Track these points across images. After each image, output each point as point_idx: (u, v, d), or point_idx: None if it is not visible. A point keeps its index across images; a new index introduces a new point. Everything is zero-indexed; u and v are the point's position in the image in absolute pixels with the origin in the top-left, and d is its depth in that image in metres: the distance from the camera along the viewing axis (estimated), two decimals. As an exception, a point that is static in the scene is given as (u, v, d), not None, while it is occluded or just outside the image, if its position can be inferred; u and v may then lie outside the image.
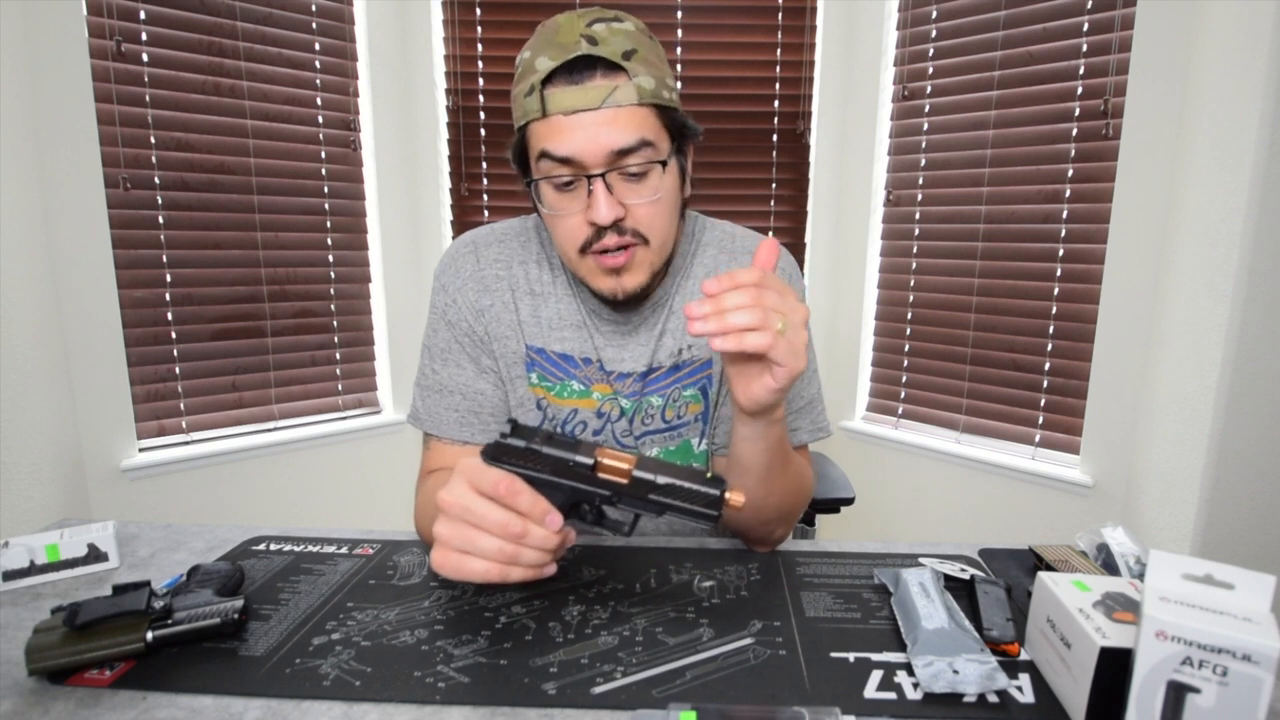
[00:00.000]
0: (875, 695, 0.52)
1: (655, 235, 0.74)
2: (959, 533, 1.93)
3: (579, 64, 0.67)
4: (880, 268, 2.05)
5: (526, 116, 0.70)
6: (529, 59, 0.69)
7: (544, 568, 0.57)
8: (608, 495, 0.58)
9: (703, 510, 0.57)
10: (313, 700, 0.51)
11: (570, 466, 0.57)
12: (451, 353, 0.84)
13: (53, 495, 1.52)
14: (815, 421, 0.85)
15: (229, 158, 1.78)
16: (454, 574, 0.56)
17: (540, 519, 0.56)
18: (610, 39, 0.68)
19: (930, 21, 1.85)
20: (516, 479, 0.56)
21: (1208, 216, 1.41)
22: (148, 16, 1.64)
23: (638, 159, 0.69)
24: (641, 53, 0.69)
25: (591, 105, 0.67)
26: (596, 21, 0.69)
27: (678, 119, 0.73)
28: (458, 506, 0.55)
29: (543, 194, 0.73)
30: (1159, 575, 0.47)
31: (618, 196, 0.70)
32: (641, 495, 0.57)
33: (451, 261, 0.85)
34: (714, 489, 0.56)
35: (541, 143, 0.69)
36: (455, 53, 2.00)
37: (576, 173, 0.69)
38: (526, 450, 0.57)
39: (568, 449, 0.57)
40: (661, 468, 0.57)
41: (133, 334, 1.69)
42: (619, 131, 0.68)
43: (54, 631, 0.54)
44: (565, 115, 0.67)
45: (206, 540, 0.80)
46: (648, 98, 0.69)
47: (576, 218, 0.71)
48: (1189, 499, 1.46)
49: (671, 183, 0.73)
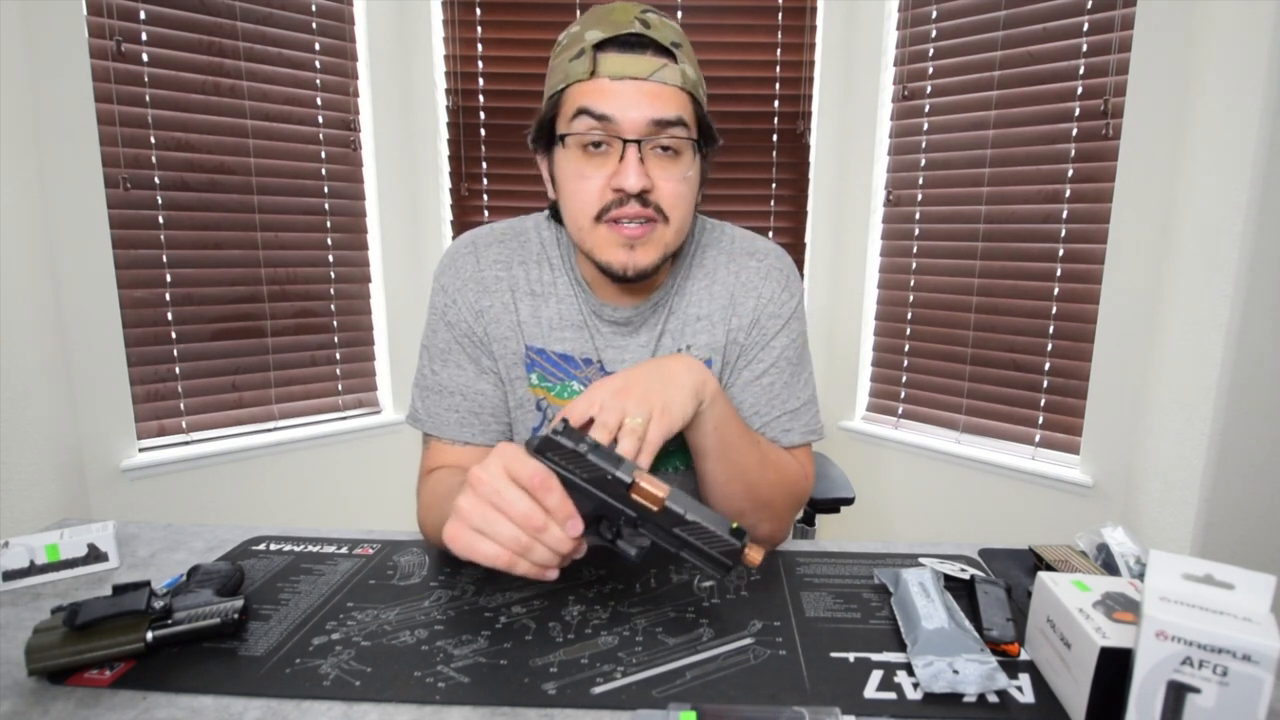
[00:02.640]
0: (875, 695, 0.52)
1: (675, 216, 0.74)
2: (959, 533, 1.93)
3: (632, 39, 0.70)
4: (880, 268, 2.05)
5: (569, 79, 0.71)
6: (577, 32, 0.73)
7: (548, 570, 0.57)
8: (634, 516, 0.58)
9: (718, 558, 0.57)
10: (313, 700, 0.51)
11: (608, 479, 0.57)
12: (451, 353, 0.84)
13: (53, 495, 1.52)
14: (808, 424, 0.85)
15: (229, 158, 1.78)
16: (464, 550, 0.56)
17: (563, 521, 0.55)
18: (662, 28, 0.72)
19: (930, 21, 1.85)
20: (552, 475, 0.55)
21: (1208, 216, 1.41)
22: (148, 16, 1.64)
23: (673, 134, 0.71)
24: (686, 49, 0.74)
25: (640, 74, 0.70)
26: (649, 11, 0.73)
27: (706, 120, 0.76)
28: (488, 486, 0.55)
29: (569, 155, 0.73)
30: (1159, 575, 0.47)
31: (647, 169, 0.71)
32: (667, 526, 0.57)
33: (451, 262, 0.85)
34: (736, 540, 0.56)
35: (582, 99, 0.70)
36: (455, 53, 2.00)
37: (612, 134, 0.70)
38: (573, 452, 0.57)
39: (610, 461, 0.57)
40: (692, 506, 0.57)
41: (133, 334, 1.69)
42: (660, 104, 0.70)
43: (54, 631, 0.54)
44: (613, 79, 0.70)
45: (206, 540, 0.80)
46: (690, 85, 0.72)
47: (599, 181, 0.72)
48: (1189, 499, 1.46)
49: (696, 173, 0.76)
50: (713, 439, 0.72)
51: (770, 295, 0.84)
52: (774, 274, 0.85)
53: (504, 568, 0.55)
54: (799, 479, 0.82)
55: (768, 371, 0.83)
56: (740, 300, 0.84)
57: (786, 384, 0.84)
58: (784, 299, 0.85)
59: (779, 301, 0.84)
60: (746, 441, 0.75)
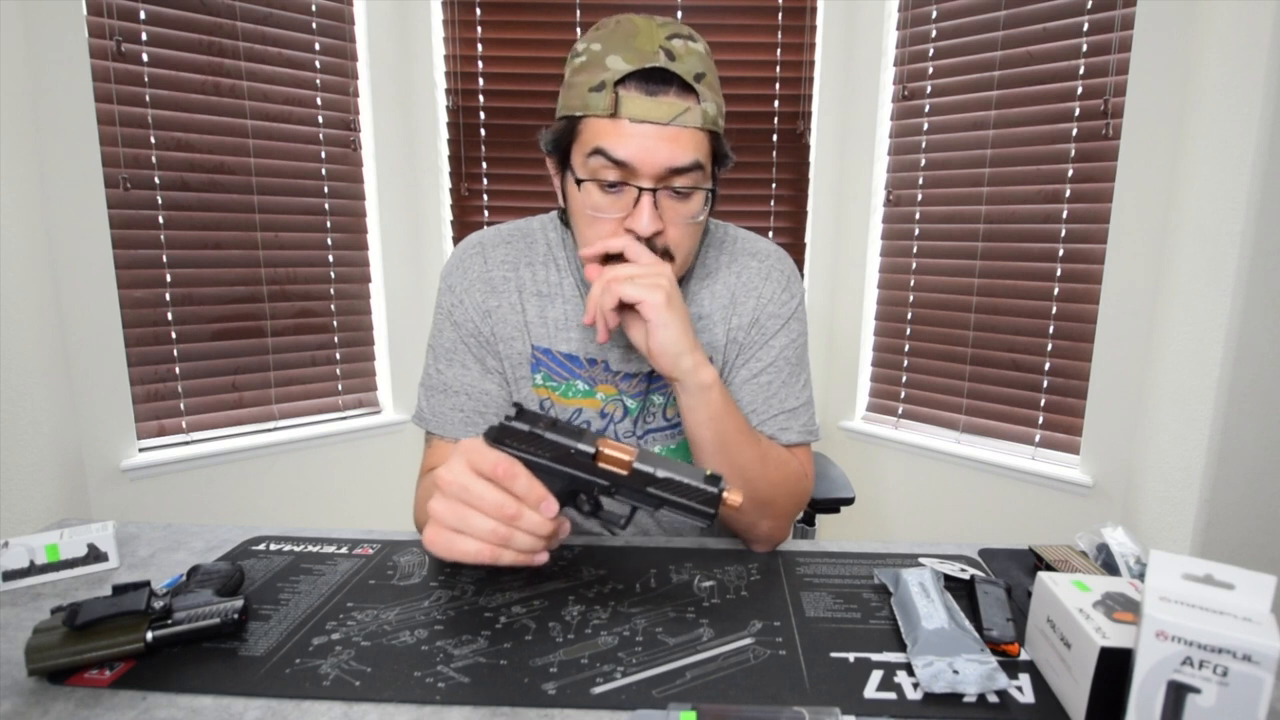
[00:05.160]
0: (875, 695, 0.52)
1: (681, 254, 0.75)
2: (959, 533, 1.93)
3: (656, 75, 0.68)
4: (880, 268, 2.05)
5: (588, 110, 0.69)
6: (598, 52, 0.69)
7: (535, 555, 0.58)
8: (606, 486, 0.58)
9: (699, 507, 0.57)
10: (313, 700, 0.51)
11: (571, 454, 0.57)
12: (457, 353, 0.84)
13: (53, 495, 1.52)
14: (805, 425, 0.86)
15: (229, 158, 1.77)
16: (444, 552, 0.56)
17: (536, 504, 0.56)
18: (686, 58, 0.69)
19: (930, 21, 1.85)
20: (516, 462, 0.56)
21: (1208, 216, 1.41)
22: (148, 16, 1.64)
23: (688, 180, 0.70)
24: (709, 77, 0.71)
25: (661, 120, 0.68)
26: (675, 36, 0.70)
27: (722, 147, 0.75)
28: (455, 485, 0.56)
29: (586, 192, 0.72)
30: (1159, 575, 0.47)
31: (659, 212, 0.71)
32: (640, 488, 0.57)
33: (459, 263, 0.85)
34: (711, 487, 0.56)
35: (600, 140, 0.69)
36: (455, 53, 2.00)
37: (626, 179, 0.70)
38: (530, 434, 0.57)
39: (570, 436, 0.57)
40: (661, 462, 0.57)
41: (133, 334, 1.69)
42: (679, 150, 0.69)
43: (54, 631, 0.54)
44: (633, 122, 0.68)
45: (206, 540, 0.80)
46: (709, 124, 0.70)
47: (611, 224, 0.72)
48: (1189, 499, 1.46)
49: (707, 211, 0.75)
50: (709, 430, 0.72)
51: (770, 295, 0.85)
52: (775, 274, 0.86)
53: (489, 561, 0.56)
54: (800, 478, 0.82)
55: (766, 370, 0.83)
56: (741, 300, 0.84)
57: (785, 383, 0.84)
58: (784, 299, 0.85)
59: (779, 301, 0.85)
60: (746, 438, 0.75)
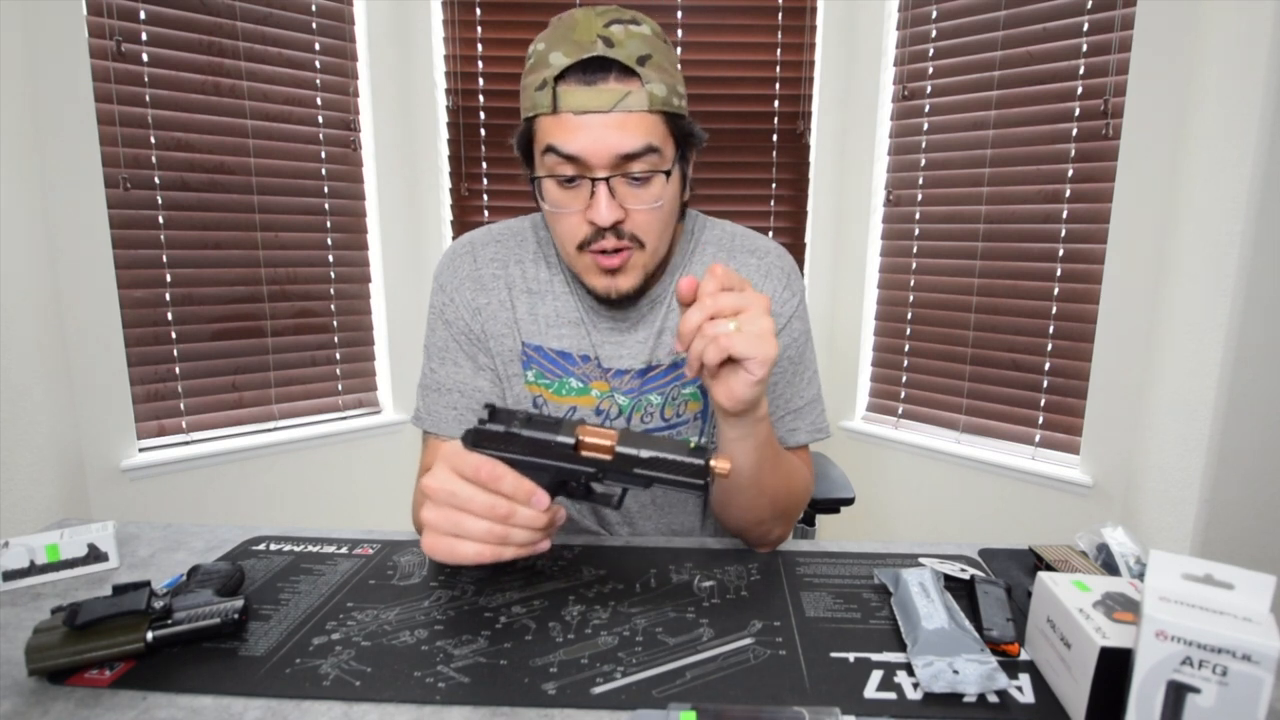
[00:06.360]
0: (875, 695, 0.52)
1: (651, 240, 0.74)
2: (959, 533, 1.93)
3: (593, 64, 0.67)
4: (880, 268, 2.05)
5: (536, 110, 0.70)
6: (542, 51, 0.69)
7: (537, 545, 0.58)
8: (593, 472, 0.57)
9: (688, 480, 0.56)
10: (313, 700, 0.51)
11: (551, 447, 0.57)
12: (449, 351, 0.84)
13: (53, 495, 1.52)
14: (814, 423, 0.85)
15: (229, 158, 1.77)
16: (446, 557, 0.56)
17: (525, 501, 0.56)
18: (627, 42, 0.68)
19: (930, 21, 1.85)
20: (498, 464, 0.56)
21: (1208, 216, 1.41)
22: (148, 16, 1.64)
23: (643, 164, 0.69)
24: (656, 58, 0.69)
25: (603, 108, 0.67)
26: (614, 23, 0.68)
27: (685, 126, 0.73)
28: (443, 492, 0.56)
29: (545, 189, 0.73)
30: (1159, 575, 0.47)
31: (620, 199, 0.70)
32: (626, 470, 0.57)
33: (449, 262, 0.86)
34: (698, 459, 0.56)
35: (549, 137, 0.69)
36: (455, 53, 2.00)
37: (580, 172, 0.69)
38: (506, 434, 0.57)
39: (548, 430, 0.57)
40: (644, 441, 0.57)
41: (133, 334, 1.69)
42: (627, 136, 0.68)
43: (54, 631, 0.54)
44: (575, 114, 0.67)
45: (206, 540, 0.80)
46: (658, 105, 0.69)
47: (576, 216, 0.72)
48: (1189, 499, 1.46)
49: (673, 189, 0.74)
50: (752, 457, 0.69)
51: (771, 293, 0.84)
52: (775, 272, 0.85)
53: (491, 560, 0.56)
54: (808, 483, 0.83)
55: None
56: None
57: (789, 383, 0.84)
58: (785, 297, 0.85)
59: (780, 300, 0.84)
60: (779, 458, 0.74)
